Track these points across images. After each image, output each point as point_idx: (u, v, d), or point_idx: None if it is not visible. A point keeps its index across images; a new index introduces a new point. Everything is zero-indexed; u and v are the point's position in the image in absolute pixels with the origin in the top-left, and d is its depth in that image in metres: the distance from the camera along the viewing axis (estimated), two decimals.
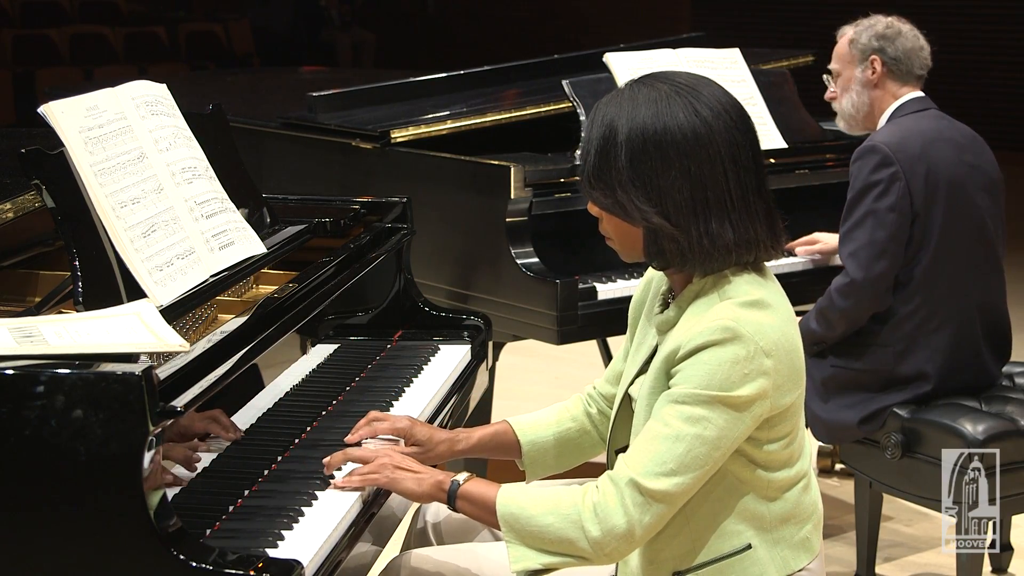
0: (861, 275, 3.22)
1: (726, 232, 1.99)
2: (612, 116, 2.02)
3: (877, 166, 3.22)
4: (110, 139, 2.28)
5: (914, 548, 3.84)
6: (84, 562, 1.77)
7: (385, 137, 3.94)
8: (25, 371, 1.78)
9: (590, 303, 3.55)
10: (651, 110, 1.99)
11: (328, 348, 2.79)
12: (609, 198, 2.02)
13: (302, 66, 8.00)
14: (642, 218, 2.00)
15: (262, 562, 1.78)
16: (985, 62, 11.20)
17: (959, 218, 3.27)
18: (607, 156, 2.00)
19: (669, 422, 1.96)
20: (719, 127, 1.99)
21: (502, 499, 2.03)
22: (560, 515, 1.99)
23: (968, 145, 3.36)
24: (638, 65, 3.89)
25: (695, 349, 1.96)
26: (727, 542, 2.05)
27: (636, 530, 1.96)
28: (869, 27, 3.44)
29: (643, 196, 1.99)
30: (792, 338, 2.03)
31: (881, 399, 3.29)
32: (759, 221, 2.02)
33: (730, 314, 1.97)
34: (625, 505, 1.95)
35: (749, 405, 1.96)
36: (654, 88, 2.03)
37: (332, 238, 2.84)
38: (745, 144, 2.02)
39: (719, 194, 1.99)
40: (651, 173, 1.98)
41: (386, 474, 2.14)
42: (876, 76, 3.41)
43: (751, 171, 2.02)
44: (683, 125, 1.98)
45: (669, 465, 1.95)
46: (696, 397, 1.95)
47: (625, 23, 12.91)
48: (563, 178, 3.71)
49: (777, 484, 2.07)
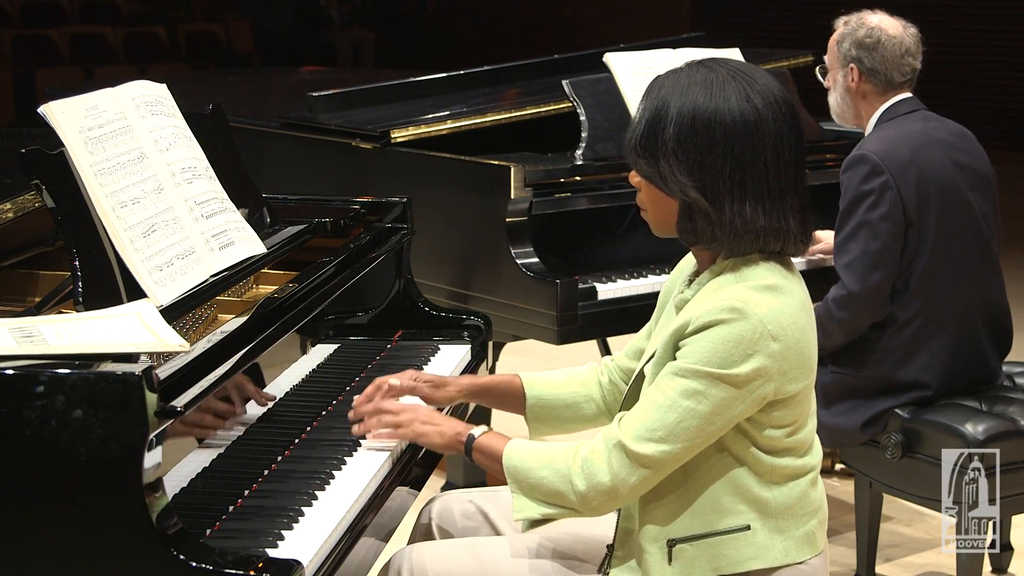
0: (858, 287, 3.20)
1: (758, 217, 2.05)
2: (667, 91, 2.07)
3: (867, 176, 3.21)
4: (110, 139, 2.28)
5: (914, 548, 3.84)
6: (84, 562, 1.77)
7: (385, 137, 3.94)
8: (25, 371, 1.78)
9: (590, 303, 3.56)
10: (705, 91, 2.05)
11: (328, 348, 2.79)
12: (652, 167, 2.08)
13: (302, 66, 7.99)
14: (680, 190, 2.06)
15: (262, 562, 1.78)
16: (985, 62, 11.20)
17: (953, 220, 3.26)
18: (656, 127, 2.06)
19: (666, 392, 2.03)
20: (768, 117, 2.04)
21: (508, 452, 2.15)
22: (553, 469, 2.09)
23: (957, 144, 3.35)
24: (638, 65, 3.90)
25: (702, 327, 2.02)
26: (724, 519, 2.09)
27: (620, 488, 2.04)
28: (851, 32, 3.39)
29: (684, 169, 2.04)
30: (803, 326, 2.07)
31: (883, 403, 3.29)
32: (792, 214, 2.08)
33: (740, 295, 2.02)
34: (611, 464, 2.04)
35: (748, 383, 2.01)
36: (712, 70, 2.08)
37: (332, 238, 2.84)
38: (791, 138, 2.07)
39: (757, 180, 2.04)
40: (695, 149, 2.04)
41: (414, 428, 2.28)
42: (855, 84, 3.40)
43: (792, 165, 2.07)
44: (734, 110, 2.03)
45: (658, 433, 2.02)
46: (695, 372, 2.01)
47: (625, 23, 12.91)
48: (563, 178, 3.72)
49: (781, 471, 2.10)
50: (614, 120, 3.85)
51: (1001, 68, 11.17)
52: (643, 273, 3.75)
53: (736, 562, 2.10)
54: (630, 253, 3.82)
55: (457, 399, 2.53)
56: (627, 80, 3.87)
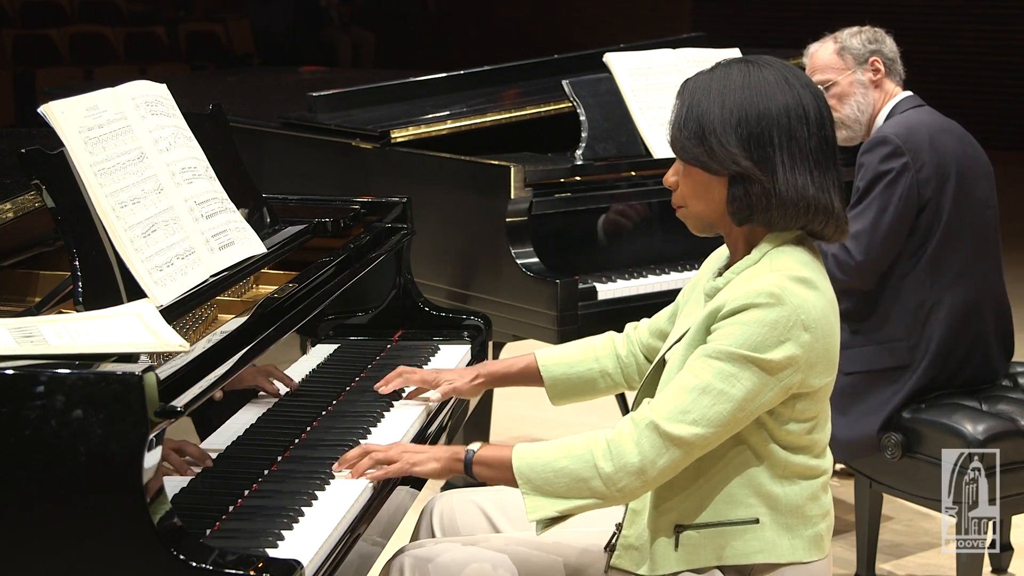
0: (863, 257, 3.25)
1: (808, 187, 2.08)
2: (704, 83, 2.12)
3: (888, 156, 3.25)
4: (110, 139, 2.28)
5: (914, 548, 3.84)
6: (84, 562, 1.77)
7: (385, 137, 3.94)
8: (25, 371, 1.78)
9: (590, 303, 3.56)
10: (744, 77, 2.10)
11: (328, 348, 2.79)
12: (698, 145, 2.09)
13: (302, 66, 7.98)
14: (732, 161, 2.07)
15: (262, 562, 1.78)
16: (985, 62, 11.20)
17: (964, 207, 3.29)
18: (699, 110, 2.09)
19: (699, 374, 2.04)
20: (808, 96, 2.09)
21: (517, 454, 2.12)
22: (573, 456, 2.07)
23: (965, 137, 3.41)
24: (638, 65, 3.89)
25: (738, 309, 2.04)
26: (734, 510, 2.11)
27: (649, 469, 2.03)
28: (849, 36, 3.45)
29: (734, 140, 2.06)
30: (832, 323, 2.10)
31: (897, 397, 3.28)
32: (836, 192, 2.11)
33: (778, 282, 2.04)
34: (640, 444, 2.03)
35: (780, 370, 2.03)
36: (746, 63, 2.13)
37: (332, 238, 2.84)
38: (829, 120, 2.11)
39: (804, 152, 2.07)
40: (744, 121, 2.07)
41: (405, 460, 2.21)
42: (879, 76, 3.42)
43: (832, 145, 2.11)
44: (773, 89, 2.08)
45: (692, 415, 2.02)
46: (730, 355, 2.02)
47: (625, 23, 12.90)
48: (563, 178, 3.72)
49: (794, 468, 2.12)
50: (614, 120, 3.85)
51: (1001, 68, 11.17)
52: (643, 273, 3.75)
53: (742, 554, 2.11)
54: (630, 253, 3.82)
55: (483, 385, 2.60)
56: (627, 80, 3.87)
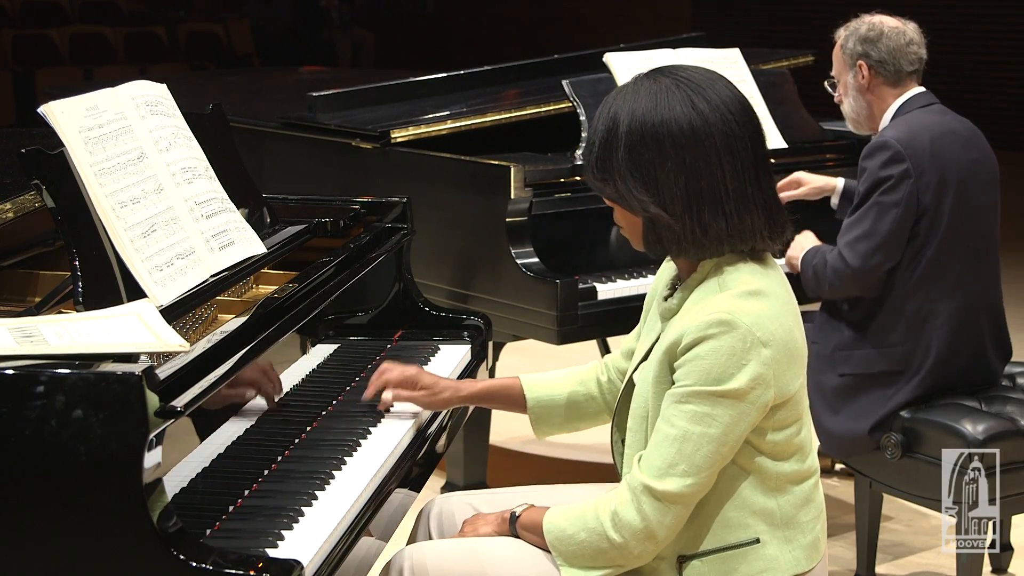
0: (858, 264, 3.24)
1: (719, 222, 2.05)
2: (616, 109, 2.09)
3: (887, 162, 3.23)
4: (110, 139, 2.28)
5: (914, 548, 3.84)
6: (84, 562, 1.77)
7: (385, 137, 3.94)
8: (25, 371, 1.78)
9: (590, 303, 3.56)
10: (651, 103, 2.06)
11: (328, 348, 2.79)
12: (611, 188, 2.10)
13: (302, 66, 7.98)
14: (641, 208, 2.07)
15: (262, 562, 1.78)
16: (985, 61, 11.20)
17: (963, 214, 3.28)
18: (609, 147, 2.08)
19: (675, 423, 2.03)
20: (716, 120, 2.04)
21: (547, 526, 2.14)
22: (588, 529, 2.09)
23: (972, 139, 3.37)
24: (638, 65, 3.89)
25: (693, 343, 2.02)
26: (733, 533, 2.10)
27: (657, 530, 2.04)
28: (854, 31, 3.43)
29: (641, 186, 2.06)
30: (789, 327, 2.07)
31: (891, 401, 3.28)
32: (757, 213, 2.08)
33: (726, 306, 2.02)
34: (641, 509, 2.03)
35: (749, 393, 2.01)
36: (657, 82, 2.09)
37: (332, 238, 2.84)
38: (744, 137, 2.06)
39: (714, 185, 2.05)
40: (648, 164, 2.05)
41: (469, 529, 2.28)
42: (866, 80, 3.40)
43: (749, 164, 2.07)
44: (679, 118, 2.03)
45: (680, 467, 2.02)
46: (697, 394, 2.01)
47: (625, 23, 12.91)
48: (563, 178, 3.71)
49: (786, 476, 2.11)
50: None
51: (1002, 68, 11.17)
52: (643, 273, 3.75)
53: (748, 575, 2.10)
54: (630, 253, 3.81)
55: (455, 404, 2.54)
56: (627, 80, 3.86)
